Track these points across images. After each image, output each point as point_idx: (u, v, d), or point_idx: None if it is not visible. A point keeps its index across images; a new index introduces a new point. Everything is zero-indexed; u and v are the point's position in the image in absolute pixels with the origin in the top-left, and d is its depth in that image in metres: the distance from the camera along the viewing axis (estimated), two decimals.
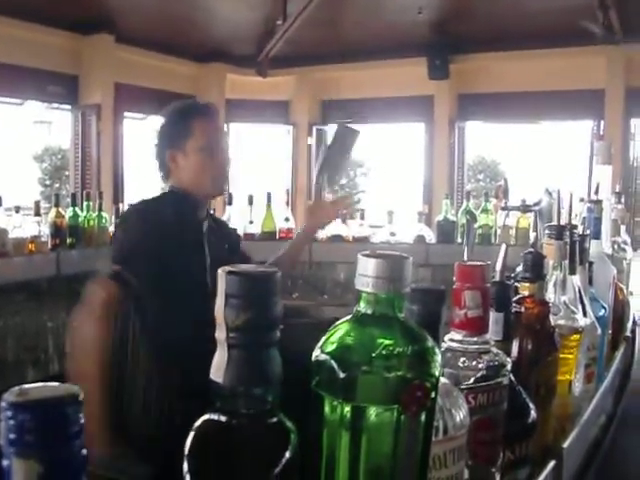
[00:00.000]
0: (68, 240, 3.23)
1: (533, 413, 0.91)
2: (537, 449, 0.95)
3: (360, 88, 5.81)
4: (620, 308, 1.76)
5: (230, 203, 3.93)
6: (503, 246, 0.93)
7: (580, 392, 1.22)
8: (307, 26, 4.83)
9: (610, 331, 1.59)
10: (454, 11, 4.96)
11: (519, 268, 1.10)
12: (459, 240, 3.51)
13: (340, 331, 0.60)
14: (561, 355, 1.09)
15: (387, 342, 0.58)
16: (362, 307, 0.60)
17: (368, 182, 14.56)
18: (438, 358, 0.60)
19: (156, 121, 2.40)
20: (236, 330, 0.48)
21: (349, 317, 0.61)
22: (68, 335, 2.09)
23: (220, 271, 0.49)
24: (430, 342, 0.60)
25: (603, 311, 1.40)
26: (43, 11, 4.20)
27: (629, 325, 1.80)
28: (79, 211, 3.36)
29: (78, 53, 4.73)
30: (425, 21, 4.92)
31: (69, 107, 4.90)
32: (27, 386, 0.40)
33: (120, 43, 4.76)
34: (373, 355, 0.57)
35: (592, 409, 1.21)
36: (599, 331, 1.31)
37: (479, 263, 0.79)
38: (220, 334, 0.49)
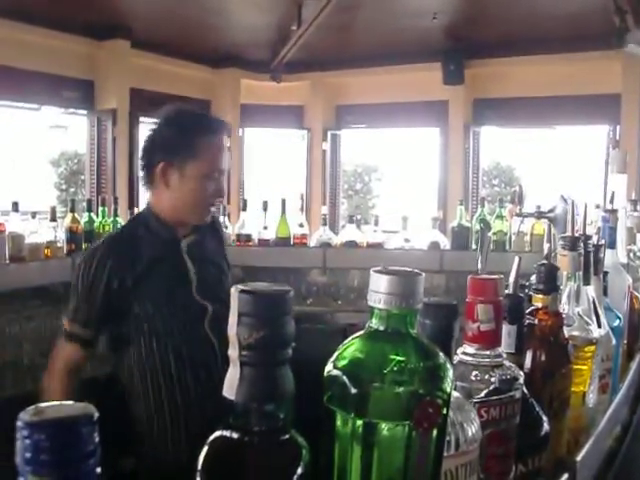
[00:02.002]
0: (84, 245, 3.25)
1: (546, 426, 0.91)
2: (550, 462, 0.95)
3: (374, 93, 5.82)
4: (636, 317, 1.74)
5: (245, 209, 3.94)
6: (516, 258, 0.93)
7: (594, 403, 1.22)
8: (321, 32, 4.84)
9: (625, 341, 1.59)
10: (469, 16, 4.96)
11: (534, 277, 1.10)
12: (474, 246, 3.50)
13: (352, 347, 0.60)
14: (575, 366, 1.09)
15: (399, 358, 0.58)
16: (374, 323, 0.60)
17: (382, 187, 14.53)
18: (450, 374, 0.60)
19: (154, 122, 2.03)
20: (248, 348, 0.48)
21: (362, 332, 0.61)
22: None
23: (233, 289, 0.49)
24: (442, 358, 0.60)
25: (618, 321, 1.39)
26: (59, 17, 4.24)
27: None
28: (94, 216, 3.38)
29: (94, 59, 4.77)
30: (440, 26, 4.92)
31: (85, 112, 4.94)
32: (43, 405, 0.41)
33: (135, 49, 4.80)
34: (385, 371, 0.57)
35: (606, 421, 1.20)
36: (614, 342, 1.30)
37: (492, 277, 0.79)
38: (232, 352, 0.49)
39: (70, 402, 0.42)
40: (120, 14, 4.64)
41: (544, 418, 0.91)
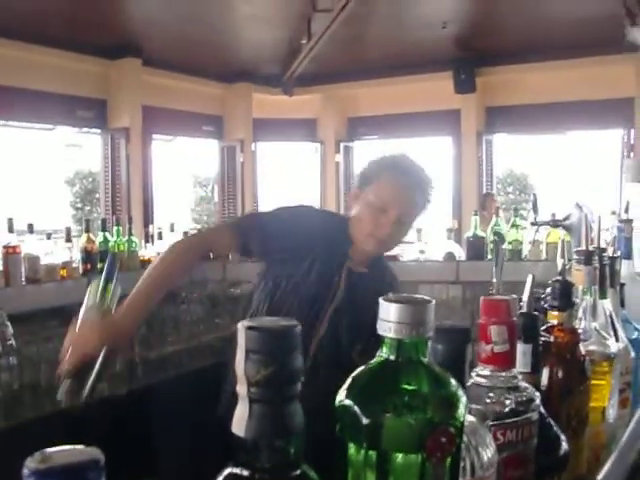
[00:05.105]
0: (99, 265, 3.26)
1: (565, 445, 0.89)
2: None
3: (386, 104, 5.83)
4: None
5: None
6: (530, 276, 0.92)
7: (615, 418, 1.20)
8: (331, 44, 4.85)
9: None
10: (478, 25, 4.95)
11: (549, 290, 1.08)
12: (489, 256, 3.48)
13: (364, 376, 0.60)
14: (593, 382, 1.07)
15: (410, 387, 0.58)
16: (385, 352, 0.59)
17: None
18: (463, 401, 0.59)
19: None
20: (256, 385, 0.48)
21: (372, 362, 0.60)
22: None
23: (239, 325, 0.49)
24: (454, 386, 0.59)
25: (637, 333, 1.37)
26: (71, 38, 4.28)
27: None
28: (109, 236, 3.39)
29: (106, 78, 4.81)
30: (450, 35, 4.92)
31: (98, 131, 4.98)
32: (49, 450, 0.40)
33: (147, 66, 4.84)
34: (396, 401, 0.57)
35: (628, 435, 1.18)
36: (632, 354, 1.28)
37: (505, 297, 0.78)
38: (241, 388, 0.49)
39: (78, 446, 0.41)
40: (131, 33, 4.68)
41: (562, 437, 0.90)
